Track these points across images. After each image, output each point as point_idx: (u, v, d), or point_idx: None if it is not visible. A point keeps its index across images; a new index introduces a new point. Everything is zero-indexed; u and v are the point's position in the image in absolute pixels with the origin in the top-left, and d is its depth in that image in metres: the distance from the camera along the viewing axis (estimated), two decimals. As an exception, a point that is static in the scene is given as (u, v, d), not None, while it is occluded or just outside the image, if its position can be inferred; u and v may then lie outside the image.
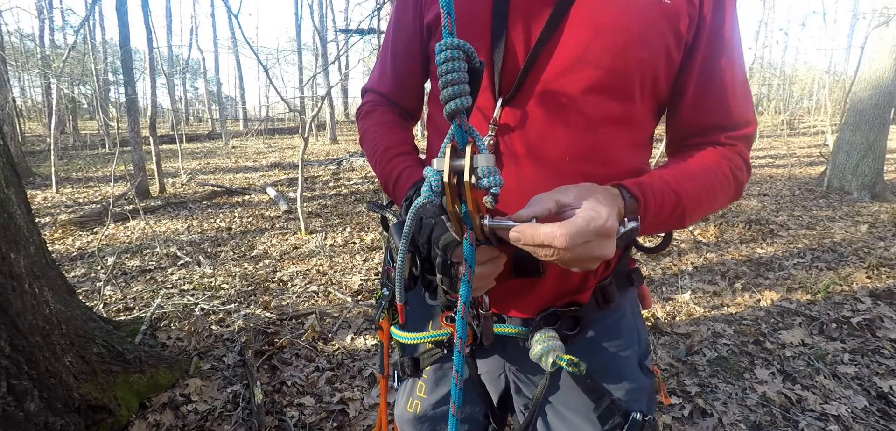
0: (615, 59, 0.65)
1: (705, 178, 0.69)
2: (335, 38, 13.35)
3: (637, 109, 0.70)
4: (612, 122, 0.69)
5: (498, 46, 0.69)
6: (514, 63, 0.69)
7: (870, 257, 3.71)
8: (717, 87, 0.70)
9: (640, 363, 0.80)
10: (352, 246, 4.49)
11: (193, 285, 3.54)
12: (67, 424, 1.61)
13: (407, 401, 0.93)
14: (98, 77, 10.06)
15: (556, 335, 0.72)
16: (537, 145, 0.69)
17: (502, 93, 0.70)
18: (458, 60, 0.52)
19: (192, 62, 31.86)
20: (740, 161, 0.73)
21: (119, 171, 7.45)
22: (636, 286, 0.84)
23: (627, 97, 0.68)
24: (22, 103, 20.27)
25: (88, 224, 5.25)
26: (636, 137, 0.73)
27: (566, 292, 0.76)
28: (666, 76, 0.69)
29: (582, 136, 0.68)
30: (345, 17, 24.65)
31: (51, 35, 19.08)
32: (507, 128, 0.70)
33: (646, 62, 0.66)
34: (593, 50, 0.66)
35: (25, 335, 1.52)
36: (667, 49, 0.67)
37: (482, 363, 0.87)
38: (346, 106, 30.73)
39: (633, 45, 0.65)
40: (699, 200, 0.68)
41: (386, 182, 0.82)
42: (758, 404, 2.08)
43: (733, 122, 0.72)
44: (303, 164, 4.89)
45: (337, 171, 8.99)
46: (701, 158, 0.72)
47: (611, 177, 0.67)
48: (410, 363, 0.90)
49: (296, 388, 2.22)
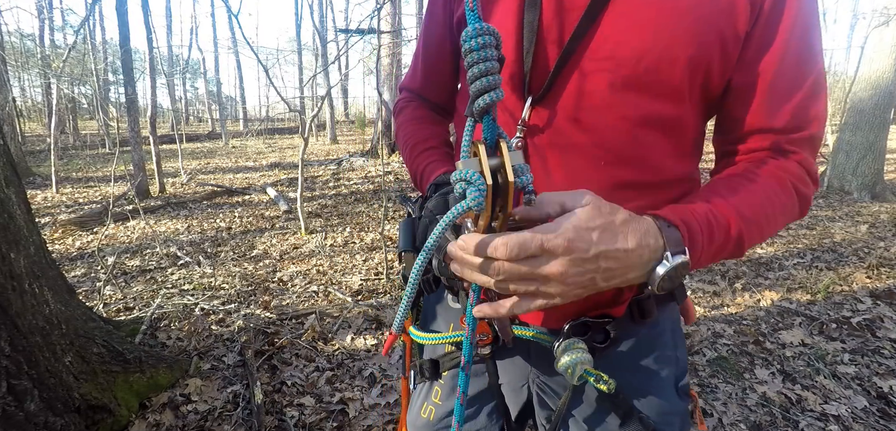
0: (660, 55, 0.58)
1: (762, 196, 0.60)
2: (335, 39, 13.36)
3: (684, 111, 0.62)
4: (655, 124, 0.62)
5: (529, 39, 0.62)
6: (546, 59, 0.62)
7: (870, 257, 3.71)
8: (774, 80, 0.60)
9: (677, 384, 0.74)
10: (352, 246, 4.49)
11: (193, 285, 3.54)
12: (67, 424, 1.61)
13: (422, 406, 0.88)
14: (98, 77, 10.06)
15: (585, 348, 0.66)
16: (570, 149, 0.63)
17: (532, 91, 0.64)
18: (490, 47, 0.46)
19: (192, 62, 31.86)
20: (802, 172, 0.62)
21: (119, 171, 7.45)
22: (679, 302, 0.76)
23: (674, 97, 0.61)
24: (22, 103, 20.26)
25: (88, 224, 5.25)
26: (682, 142, 0.65)
27: (599, 303, 0.69)
28: (720, 74, 0.60)
29: (619, 139, 0.61)
30: (345, 17, 24.66)
31: (51, 35, 19.07)
32: (537, 129, 0.64)
33: (696, 58, 0.58)
34: (635, 44, 0.58)
35: (25, 335, 1.52)
36: (722, 42, 0.58)
37: (504, 371, 0.82)
38: (346, 106, 30.74)
39: (681, 38, 0.57)
40: (757, 223, 0.59)
41: (414, 176, 0.80)
42: (758, 404, 2.08)
43: (793, 122, 0.61)
44: (303, 164, 4.89)
45: (337, 171, 8.99)
46: (755, 174, 0.62)
47: (652, 185, 0.62)
48: (430, 365, 0.85)
49: (296, 388, 2.22)
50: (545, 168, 0.65)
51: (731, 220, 0.57)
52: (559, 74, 0.61)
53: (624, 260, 0.50)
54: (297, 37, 22.80)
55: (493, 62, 0.47)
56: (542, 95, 0.63)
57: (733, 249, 0.58)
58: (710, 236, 0.55)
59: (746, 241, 0.58)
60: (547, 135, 0.64)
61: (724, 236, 0.56)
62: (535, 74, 0.63)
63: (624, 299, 0.69)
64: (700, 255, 0.54)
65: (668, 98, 0.60)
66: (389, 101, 9.67)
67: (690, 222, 0.54)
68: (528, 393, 0.81)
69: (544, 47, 0.62)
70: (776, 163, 0.62)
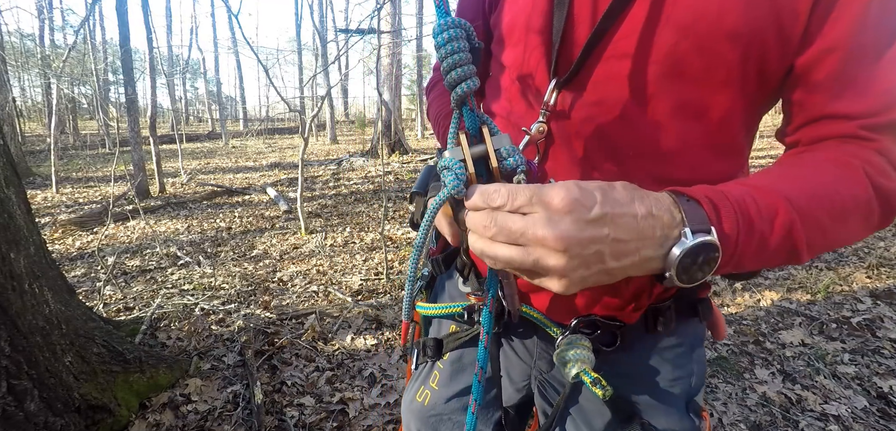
0: (705, 35, 0.50)
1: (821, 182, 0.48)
2: (335, 39, 13.36)
3: (731, 100, 0.54)
4: (696, 114, 0.54)
5: (559, 15, 0.57)
6: (575, 37, 0.57)
7: (870, 257, 3.71)
8: (849, 55, 0.49)
9: (688, 402, 0.69)
10: (352, 246, 4.49)
11: (193, 285, 3.54)
12: (67, 424, 1.61)
13: (418, 390, 0.84)
14: (98, 77, 10.06)
15: (589, 347, 0.61)
16: (597, 138, 0.57)
17: (559, 73, 0.58)
18: (459, 39, 0.47)
19: (192, 62, 31.87)
20: (883, 163, 0.49)
21: (119, 171, 7.45)
22: (703, 321, 0.70)
23: (722, 84, 0.53)
24: (22, 103, 20.26)
25: (88, 224, 5.25)
26: (726, 136, 0.57)
27: (611, 306, 0.63)
28: (779, 57, 0.51)
29: (655, 129, 0.55)
30: (345, 17, 24.65)
31: (51, 35, 19.08)
32: (563, 115, 0.59)
33: (749, 38, 0.50)
34: (676, 24, 0.51)
35: (25, 335, 1.52)
36: (779, 21, 0.49)
37: (506, 359, 0.78)
38: (346, 106, 30.74)
39: (729, 16, 0.49)
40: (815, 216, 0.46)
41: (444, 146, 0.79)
42: (758, 404, 2.08)
43: (872, 104, 0.49)
44: (303, 164, 4.89)
45: (337, 171, 8.99)
46: (812, 158, 0.52)
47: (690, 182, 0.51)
48: (433, 344, 0.81)
49: (296, 388, 2.22)
50: (569, 157, 0.59)
51: (779, 207, 0.45)
52: (589, 55, 0.55)
53: (634, 229, 0.41)
54: (297, 37, 22.80)
55: (462, 54, 0.47)
56: (569, 77, 0.57)
57: (785, 245, 0.45)
58: (748, 221, 0.43)
59: (802, 236, 0.45)
60: (572, 121, 0.58)
61: (768, 226, 0.44)
62: (563, 53, 0.58)
63: (641, 305, 0.63)
64: (735, 245, 0.43)
65: (712, 84, 0.53)
66: (389, 101, 9.67)
67: (717, 200, 0.43)
68: (527, 391, 0.79)
69: (574, 24, 0.56)
70: (845, 148, 0.50)
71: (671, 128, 0.55)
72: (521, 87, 0.65)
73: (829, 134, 0.52)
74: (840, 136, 0.51)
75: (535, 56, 0.61)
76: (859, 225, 0.49)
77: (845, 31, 0.49)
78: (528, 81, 0.63)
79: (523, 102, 0.64)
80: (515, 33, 0.64)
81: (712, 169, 0.56)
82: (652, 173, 0.56)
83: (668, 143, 0.55)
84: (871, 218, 0.50)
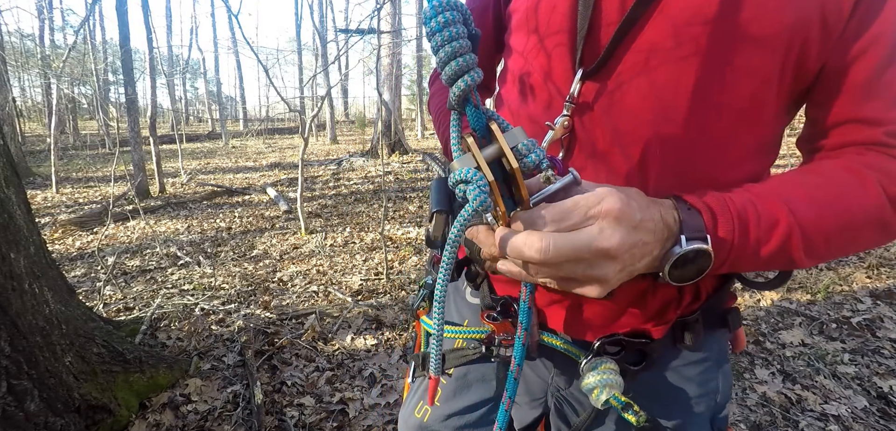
0: (746, 25, 0.48)
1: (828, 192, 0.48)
2: (335, 39, 13.35)
3: (771, 95, 0.51)
4: (732, 110, 0.51)
5: (586, 3, 0.53)
6: (603, 26, 0.53)
7: (870, 257, 3.71)
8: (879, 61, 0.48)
9: (713, 419, 0.67)
10: (352, 246, 4.49)
11: (193, 285, 3.54)
12: (67, 424, 1.61)
13: (417, 405, 0.80)
14: (98, 77, 10.06)
15: (617, 369, 0.58)
16: (624, 132, 0.54)
17: (585, 63, 0.54)
18: (456, 24, 0.40)
19: (192, 62, 31.88)
20: None
21: (119, 171, 7.45)
22: (732, 331, 0.67)
23: (760, 78, 0.50)
24: (22, 103, 20.26)
25: (88, 224, 5.25)
26: (763, 133, 0.54)
27: (638, 320, 0.60)
28: (817, 53, 0.49)
29: (686, 125, 0.52)
30: (345, 17, 24.66)
31: (51, 35, 19.09)
32: (587, 107, 0.55)
33: (793, 28, 0.47)
34: (715, 12, 0.48)
35: (25, 335, 1.52)
36: (823, 14, 0.48)
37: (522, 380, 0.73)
38: (346, 106, 30.74)
39: (774, 6, 0.47)
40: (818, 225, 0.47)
41: (444, 146, 0.75)
42: (758, 404, 2.08)
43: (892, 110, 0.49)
44: (303, 164, 4.89)
45: (337, 171, 8.99)
46: (824, 166, 0.51)
47: (719, 183, 0.51)
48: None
49: (296, 388, 2.22)
50: (595, 155, 0.56)
51: (780, 216, 0.46)
52: (619, 44, 0.52)
53: (654, 232, 0.43)
54: (297, 37, 22.81)
55: (461, 41, 0.40)
56: (596, 67, 0.53)
57: (781, 254, 0.47)
58: (744, 229, 0.45)
59: (801, 246, 0.46)
60: (600, 116, 0.54)
61: (766, 235, 0.46)
62: (590, 41, 0.54)
63: (667, 318, 0.60)
64: (729, 251, 0.45)
65: (756, 80, 0.50)
66: (389, 101, 9.67)
67: (717, 209, 0.45)
68: (544, 408, 0.74)
69: (602, 12, 0.53)
70: (862, 157, 0.50)
71: (711, 123, 0.52)
72: (541, 79, 0.61)
73: (854, 140, 0.51)
74: (864, 142, 0.50)
75: (559, 46, 0.57)
76: (875, 234, 0.49)
77: (882, 35, 0.48)
78: (550, 72, 0.59)
79: (544, 95, 0.60)
80: (535, 21, 0.60)
81: (750, 168, 0.55)
82: (682, 172, 0.53)
83: (706, 139, 0.53)
84: (888, 227, 0.49)
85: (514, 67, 0.66)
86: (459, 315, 0.78)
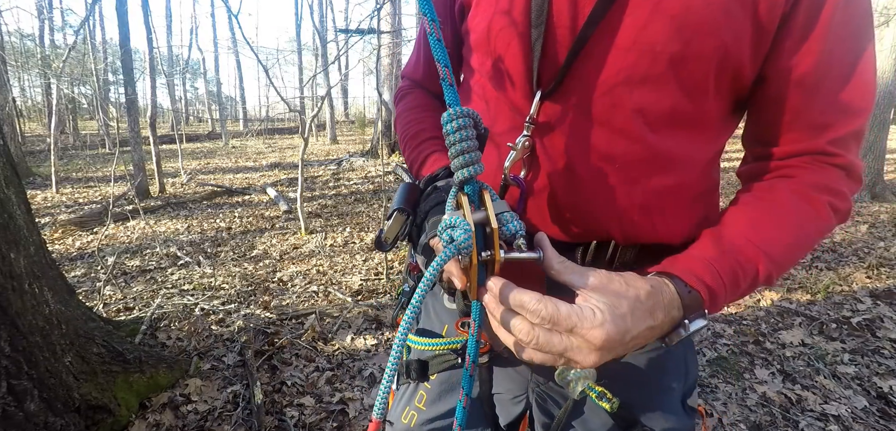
0: (685, 44, 0.52)
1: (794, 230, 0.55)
2: (335, 39, 13.36)
3: (710, 108, 0.56)
4: (679, 122, 0.56)
5: (538, 27, 0.56)
6: (557, 48, 0.56)
7: (870, 257, 3.71)
8: (815, 70, 0.52)
9: (684, 399, 0.70)
10: (352, 246, 4.49)
11: (193, 285, 3.54)
12: (67, 424, 1.61)
13: (404, 410, 0.81)
14: (98, 77, 10.06)
15: None
16: (583, 149, 0.57)
17: (542, 85, 0.58)
18: (468, 127, 0.51)
19: (192, 62, 31.87)
20: (843, 179, 0.56)
21: (119, 171, 7.44)
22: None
23: (699, 93, 0.54)
24: (22, 103, 20.26)
25: (88, 224, 5.25)
26: (707, 142, 0.60)
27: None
28: (752, 66, 0.54)
29: (639, 139, 0.56)
30: (345, 17, 24.67)
31: (51, 35, 19.08)
32: (547, 127, 0.59)
33: (725, 48, 0.52)
34: (657, 32, 0.52)
35: (25, 335, 1.52)
36: (754, 29, 0.52)
37: (500, 380, 0.77)
38: (346, 106, 30.74)
39: (708, 26, 0.51)
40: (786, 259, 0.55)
41: (412, 165, 0.77)
42: (758, 404, 2.08)
43: (836, 118, 0.54)
44: (303, 164, 4.89)
45: (337, 171, 8.99)
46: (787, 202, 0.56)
47: (671, 190, 0.57)
48: (417, 365, 0.79)
49: (296, 388, 2.22)
50: (555, 172, 0.59)
51: (760, 264, 0.53)
52: (572, 65, 0.55)
53: (648, 336, 0.49)
54: (297, 37, 22.81)
55: (470, 141, 0.51)
56: (552, 89, 0.57)
57: (759, 285, 0.56)
58: (735, 285, 0.53)
59: (774, 277, 0.55)
60: (559, 135, 0.58)
61: (751, 282, 0.54)
62: (545, 65, 0.57)
63: None
64: (721, 306, 0.54)
65: (695, 94, 0.54)
66: (389, 101, 9.66)
67: (713, 286, 0.51)
68: (525, 405, 0.77)
69: (555, 35, 0.56)
70: (812, 178, 0.56)
71: (661, 136, 0.56)
72: (502, 100, 0.63)
73: (798, 150, 0.57)
74: (809, 152, 0.56)
75: (515, 67, 0.59)
76: (818, 241, 0.59)
77: (817, 45, 0.52)
78: (509, 94, 0.62)
79: (505, 116, 0.63)
80: (490, 42, 0.62)
81: (697, 175, 0.60)
82: (639, 181, 0.58)
83: (658, 151, 0.57)
84: (828, 232, 0.58)
85: (477, 87, 0.68)
86: (439, 321, 0.80)
